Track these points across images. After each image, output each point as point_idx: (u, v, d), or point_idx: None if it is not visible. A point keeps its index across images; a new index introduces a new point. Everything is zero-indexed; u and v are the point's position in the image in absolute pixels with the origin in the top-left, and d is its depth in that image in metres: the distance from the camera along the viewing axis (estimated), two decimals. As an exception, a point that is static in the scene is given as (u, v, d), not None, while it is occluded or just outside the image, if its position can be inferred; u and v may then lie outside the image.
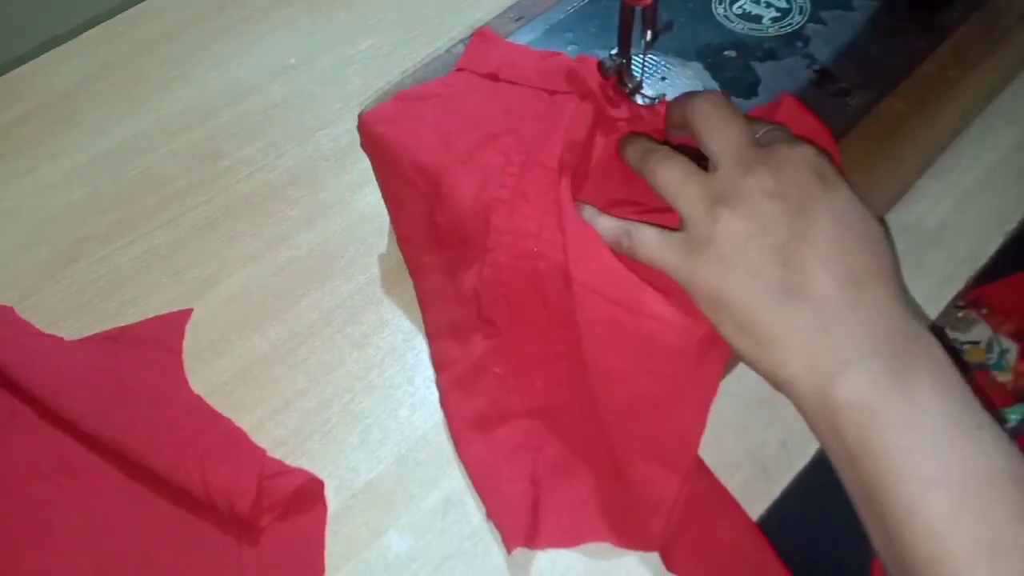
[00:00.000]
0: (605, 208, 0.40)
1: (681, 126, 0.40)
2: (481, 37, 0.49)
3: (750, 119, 0.38)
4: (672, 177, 0.37)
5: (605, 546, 0.41)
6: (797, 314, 0.33)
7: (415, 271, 0.50)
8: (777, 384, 0.34)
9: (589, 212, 0.40)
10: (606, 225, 0.39)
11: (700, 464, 0.42)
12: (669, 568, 0.40)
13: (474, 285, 0.43)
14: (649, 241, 0.37)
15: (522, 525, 0.41)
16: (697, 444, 0.39)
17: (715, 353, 0.37)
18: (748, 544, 0.40)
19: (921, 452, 0.30)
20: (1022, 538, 0.28)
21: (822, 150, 0.36)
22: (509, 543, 0.40)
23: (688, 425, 0.39)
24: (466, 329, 0.45)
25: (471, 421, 0.44)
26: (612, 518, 0.41)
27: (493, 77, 0.46)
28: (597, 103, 0.43)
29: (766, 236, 0.34)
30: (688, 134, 0.39)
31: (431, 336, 0.48)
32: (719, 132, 0.37)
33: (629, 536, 0.41)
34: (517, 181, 0.41)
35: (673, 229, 0.37)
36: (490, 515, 0.42)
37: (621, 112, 0.44)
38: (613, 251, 0.38)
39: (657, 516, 0.40)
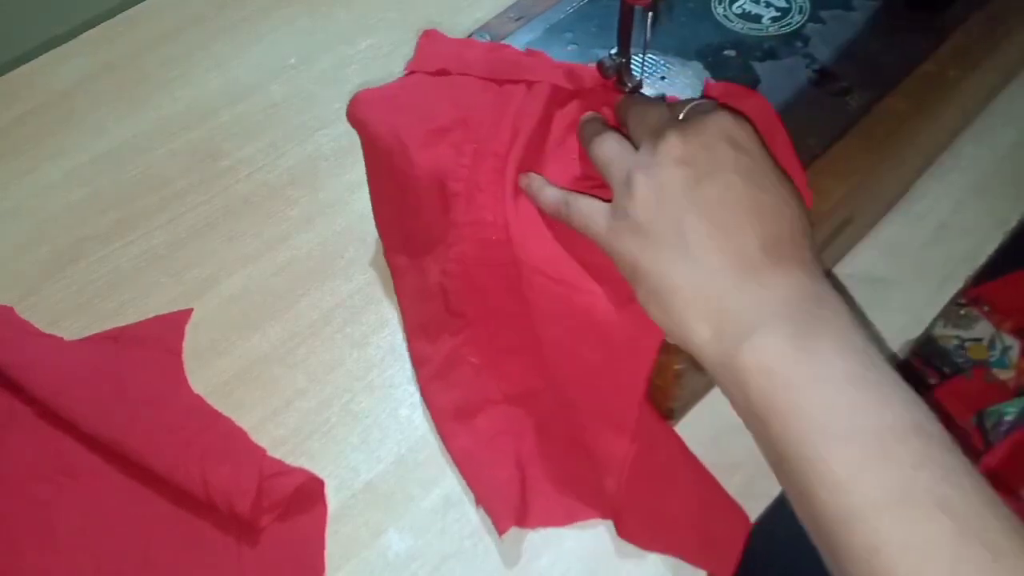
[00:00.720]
0: (568, 184, 0.41)
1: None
2: (428, 38, 0.49)
3: (673, 103, 0.40)
4: (603, 152, 0.39)
5: (605, 547, 0.41)
6: (702, 282, 0.33)
7: (394, 273, 0.51)
8: (690, 351, 0.35)
9: (536, 182, 0.41)
10: (549, 194, 0.40)
11: (664, 431, 0.43)
12: (621, 535, 0.41)
13: (439, 280, 0.44)
14: (582, 210, 0.38)
15: (511, 507, 0.41)
16: (635, 405, 0.40)
17: (649, 321, 0.38)
18: (699, 514, 0.42)
19: (825, 409, 0.30)
20: (925, 485, 0.28)
21: (744, 118, 0.37)
22: (500, 525, 0.41)
23: (627, 388, 0.39)
24: (434, 325, 0.46)
25: (452, 413, 0.45)
26: (593, 493, 0.42)
27: (443, 72, 0.47)
28: (552, 87, 0.44)
29: (673, 204, 0.34)
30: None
31: (409, 336, 0.49)
32: (640, 117, 0.39)
33: (603, 506, 0.42)
34: (471, 172, 0.42)
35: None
36: (479, 501, 0.42)
37: (576, 91, 0.44)
38: (555, 220, 0.40)
39: (609, 476, 0.41)
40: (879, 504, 0.28)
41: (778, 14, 0.51)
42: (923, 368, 0.80)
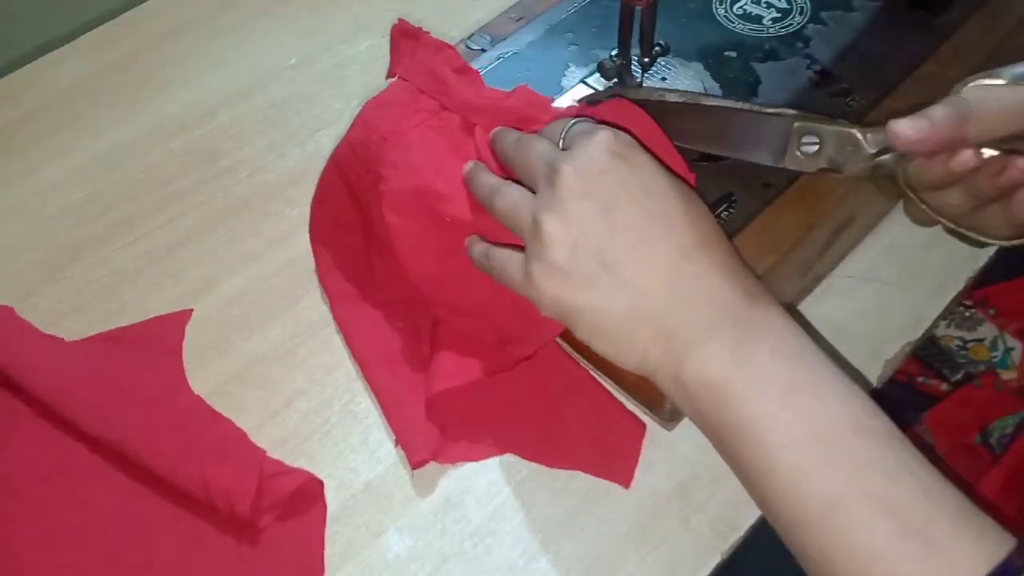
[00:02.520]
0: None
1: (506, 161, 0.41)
2: (402, 35, 0.50)
3: (548, 126, 0.40)
4: (504, 203, 0.38)
5: (605, 548, 0.41)
6: (640, 305, 0.34)
7: (320, 247, 0.53)
8: (642, 374, 0.35)
9: (472, 242, 0.41)
10: (473, 251, 0.41)
11: (558, 355, 0.45)
12: (527, 458, 0.43)
13: (366, 257, 0.49)
14: (498, 261, 0.39)
15: (428, 444, 0.43)
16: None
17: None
18: (598, 429, 0.44)
19: (767, 419, 0.31)
20: (866, 488, 0.29)
21: (622, 129, 0.37)
22: (414, 459, 0.43)
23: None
24: (361, 294, 0.49)
25: (378, 361, 0.47)
26: (504, 432, 0.45)
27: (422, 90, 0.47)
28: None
29: (587, 239, 0.34)
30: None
31: (333, 303, 0.50)
32: (524, 157, 0.39)
33: (514, 443, 0.45)
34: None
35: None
36: (398, 439, 0.44)
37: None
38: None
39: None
40: (823, 511, 0.29)
41: (779, 15, 0.51)
42: (925, 372, 0.79)
